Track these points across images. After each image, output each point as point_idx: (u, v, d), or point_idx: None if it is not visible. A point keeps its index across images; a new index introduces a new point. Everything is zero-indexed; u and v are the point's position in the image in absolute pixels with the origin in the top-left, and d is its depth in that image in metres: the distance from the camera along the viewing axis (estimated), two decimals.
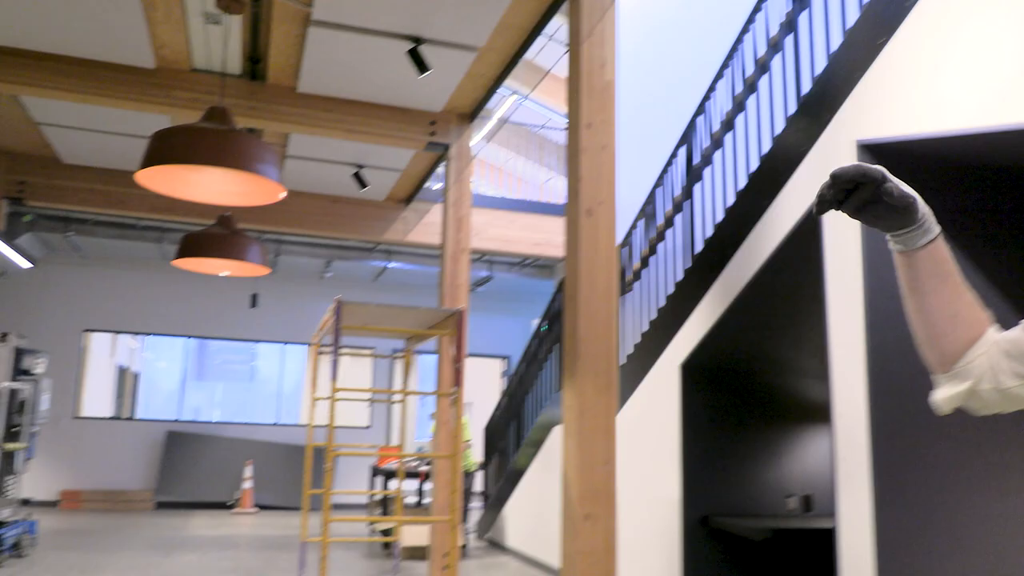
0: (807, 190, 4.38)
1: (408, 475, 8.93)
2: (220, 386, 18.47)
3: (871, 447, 3.75)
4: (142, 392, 16.51)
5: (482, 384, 14.45)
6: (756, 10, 5.07)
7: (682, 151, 5.91)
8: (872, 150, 3.96)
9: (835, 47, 4.26)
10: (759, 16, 5.07)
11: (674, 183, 6.02)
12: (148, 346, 16.32)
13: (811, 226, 4.30)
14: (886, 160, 3.89)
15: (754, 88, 5.08)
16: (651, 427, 5.85)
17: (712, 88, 5.59)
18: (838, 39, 4.25)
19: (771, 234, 4.64)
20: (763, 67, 4.98)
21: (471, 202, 7.78)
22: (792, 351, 5.57)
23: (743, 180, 5.10)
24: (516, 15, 5.63)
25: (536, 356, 8.74)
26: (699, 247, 5.53)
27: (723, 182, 5.37)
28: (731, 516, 5.41)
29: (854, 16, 4.13)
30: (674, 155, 6.03)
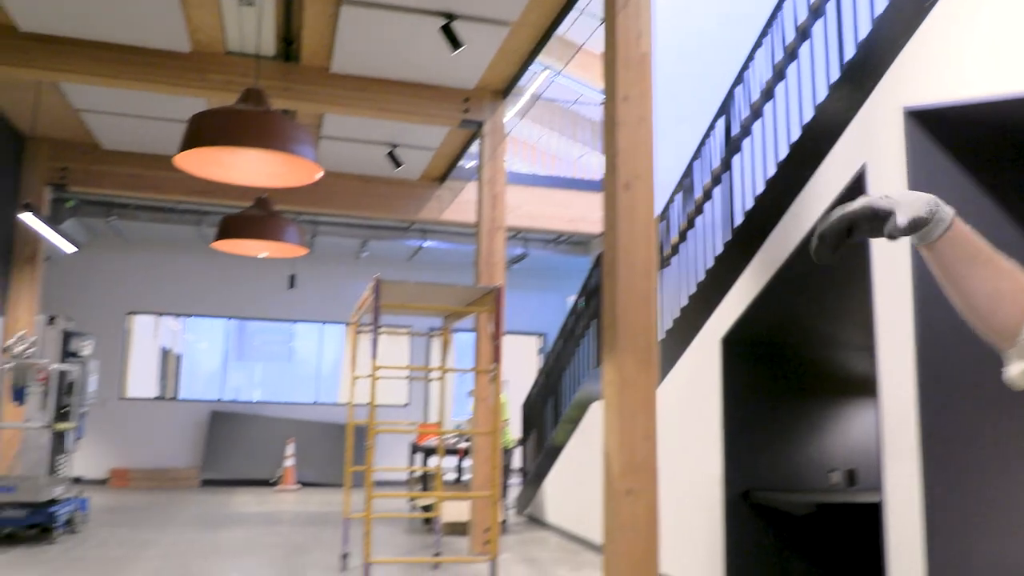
0: (850, 159, 4.27)
1: (447, 452, 8.99)
2: (260, 366, 18.73)
3: (920, 421, 3.68)
4: (184, 373, 16.81)
5: (518, 361, 14.48)
6: None
7: (720, 122, 5.81)
8: (920, 117, 3.85)
9: (880, 10, 4.13)
10: None
11: (712, 155, 5.92)
12: (189, 328, 16.59)
13: (855, 196, 4.21)
14: (935, 127, 3.78)
15: (795, 55, 4.96)
16: (691, 401, 5.81)
17: (751, 57, 5.47)
18: (883, 1, 4.13)
19: (813, 205, 4.54)
20: (804, 33, 4.86)
21: (505, 179, 7.75)
22: (835, 324, 5.48)
23: (784, 151, 5.00)
24: None
25: (573, 333, 8.72)
26: (739, 220, 5.44)
27: (763, 153, 5.27)
28: (773, 491, 5.37)
29: None
30: (712, 127, 5.93)
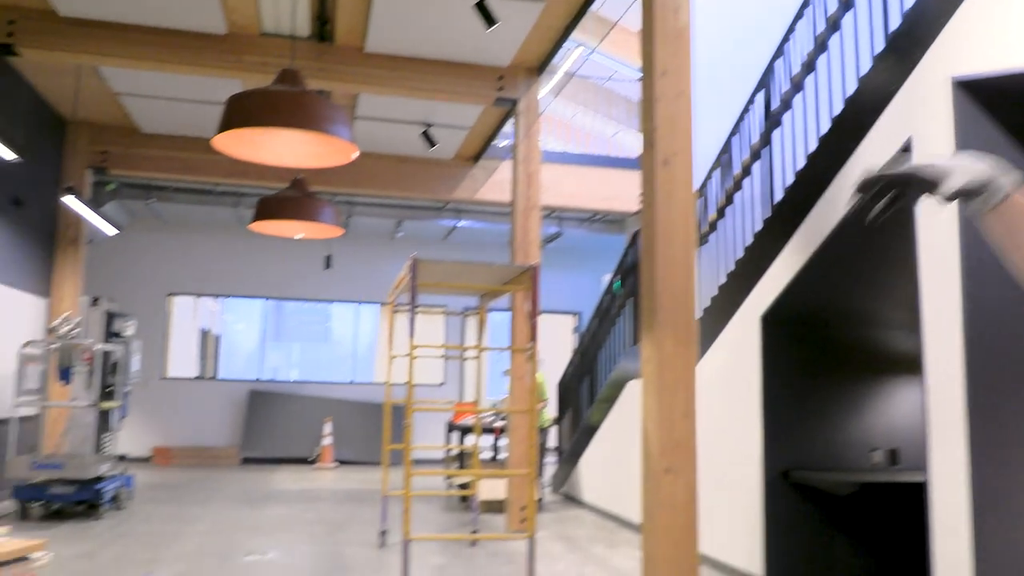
0: (896, 132, 4.17)
1: (483, 431, 9.04)
2: (296, 346, 18.97)
3: (967, 400, 3.61)
4: (223, 353, 17.08)
5: (553, 341, 14.47)
6: None
7: (760, 96, 5.71)
8: (969, 87, 3.74)
9: None
10: None
11: (751, 130, 5.83)
12: (227, 308, 16.83)
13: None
14: (983, 97, 3.67)
15: (837, 26, 4.84)
16: (730, 380, 5.76)
17: (791, 29, 5.35)
18: None
19: (856, 180, 4.45)
20: (847, 3, 4.74)
21: (540, 157, 7.71)
22: (878, 301, 5.38)
23: (825, 124, 4.89)
24: None
25: (609, 311, 8.68)
26: (779, 196, 5.36)
27: (804, 127, 5.17)
28: (813, 470, 5.31)
29: None
30: (751, 101, 5.83)
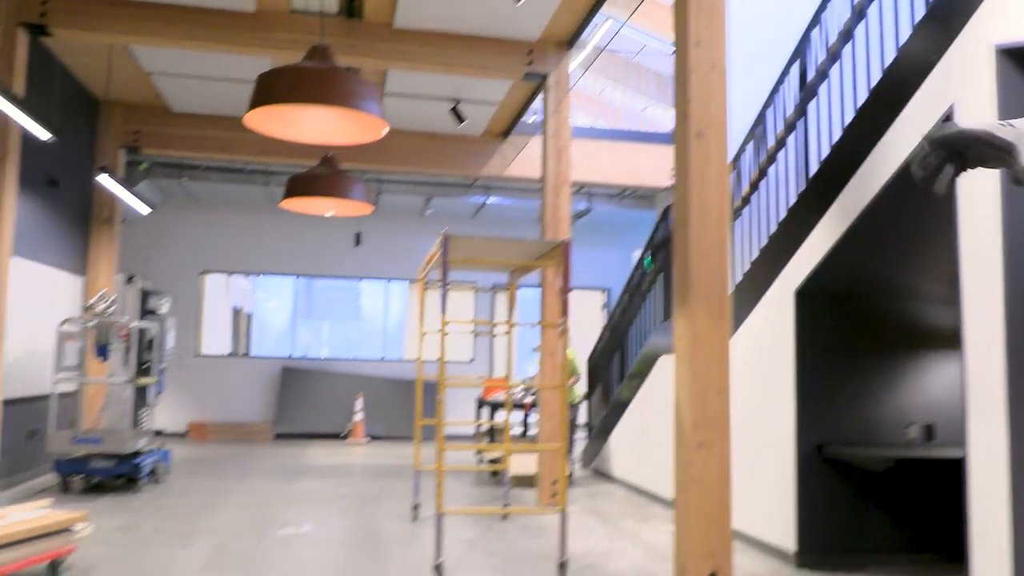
0: (937, 101, 4.08)
1: (513, 406, 9.07)
2: (326, 324, 19.11)
3: (1007, 375, 3.55)
4: (255, 331, 17.26)
5: (582, 317, 14.45)
6: None
7: (795, 67, 5.60)
8: (1013, 54, 3.64)
9: None
10: None
11: (786, 102, 5.73)
12: (259, 286, 17.00)
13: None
14: None
15: None
16: (763, 355, 5.72)
17: None
18: None
19: (895, 152, 4.37)
20: None
21: (570, 133, 7.66)
22: (916, 275, 5.29)
23: (863, 95, 4.80)
24: None
25: (639, 287, 8.64)
26: (814, 168, 5.27)
27: (840, 99, 5.07)
28: (847, 445, 5.27)
29: None
30: (786, 72, 5.72)
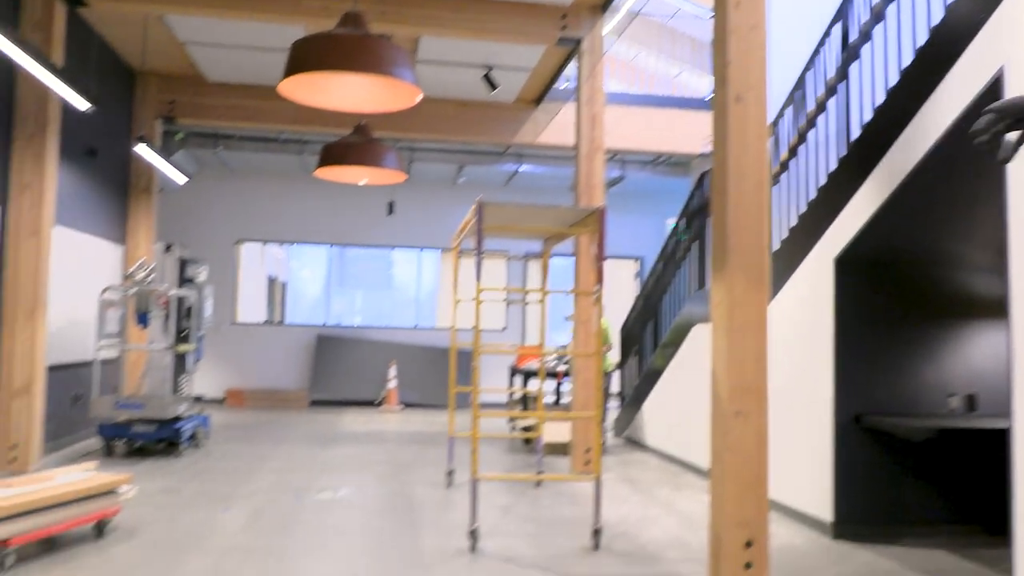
0: (986, 63, 3.94)
1: (546, 375, 9.09)
2: (359, 293, 19.27)
3: None
4: (289, 300, 17.47)
5: (615, 286, 14.40)
6: None
7: (836, 28, 5.45)
8: None
9: None
10: None
11: (827, 64, 5.59)
12: (293, 255, 17.16)
13: (992, 102, 3.89)
14: None
15: None
16: (801, 323, 5.65)
17: None
18: None
19: (940, 115, 4.24)
20: None
21: (604, 99, 7.56)
22: (960, 243, 5.17)
23: (908, 57, 4.66)
24: None
25: (674, 255, 8.57)
26: (856, 133, 5.15)
27: (884, 60, 4.93)
28: (886, 415, 5.21)
29: None
30: (827, 33, 5.58)
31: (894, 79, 4.77)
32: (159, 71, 9.84)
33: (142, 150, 8.41)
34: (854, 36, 5.26)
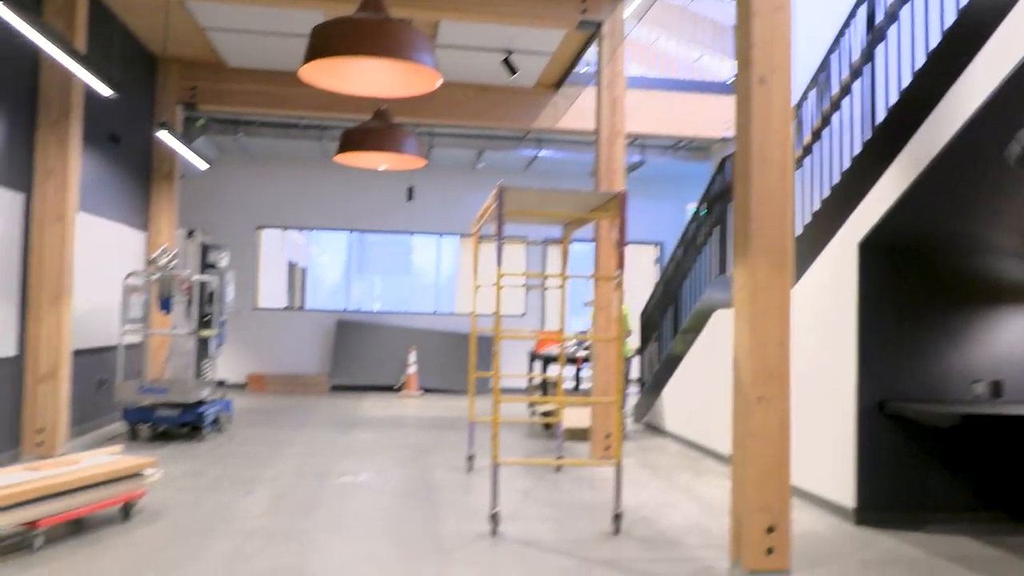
0: (1015, 45, 3.87)
1: (567, 360, 9.08)
2: (379, 279, 19.35)
3: None
4: (309, 285, 17.57)
5: (634, 271, 14.35)
6: None
7: (862, 10, 5.37)
8: None
9: None
10: None
11: (852, 47, 5.51)
12: (313, 241, 17.25)
13: (1019, 85, 3.83)
14: None
15: None
16: (824, 308, 5.60)
17: None
18: None
19: (969, 98, 4.17)
20: None
21: (625, 83, 7.50)
22: (987, 228, 5.10)
23: (935, 39, 4.58)
24: None
25: (694, 241, 8.51)
26: (881, 117, 5.08)
27: (911, 42, 4.85)
28: (910, 401, 5.16)
29: None
30: (852, 15, 5.49)
31: (921, 61, 4.69)
32: (180, 57, 9.88)
33: (164, 136, 8.45)
34: (880, 17, 5.18)
